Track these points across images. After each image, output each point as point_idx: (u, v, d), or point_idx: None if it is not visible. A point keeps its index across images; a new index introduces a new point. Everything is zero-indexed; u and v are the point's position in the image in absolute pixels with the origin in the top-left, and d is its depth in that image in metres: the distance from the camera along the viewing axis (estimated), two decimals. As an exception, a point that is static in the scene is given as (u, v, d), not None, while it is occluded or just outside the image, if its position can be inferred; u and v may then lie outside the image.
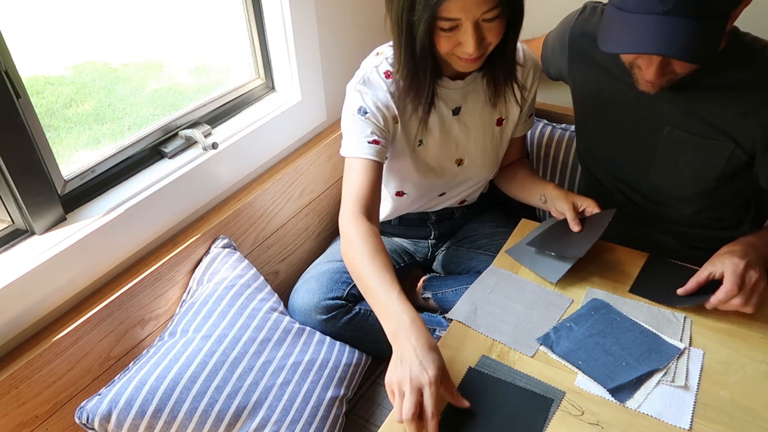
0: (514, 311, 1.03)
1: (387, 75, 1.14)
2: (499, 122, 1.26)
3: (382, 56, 1.16)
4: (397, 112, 1.15)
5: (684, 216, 1.16)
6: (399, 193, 1.32)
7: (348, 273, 1.30)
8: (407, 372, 0.80)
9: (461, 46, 0.98)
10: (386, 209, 1.38)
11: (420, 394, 0.78)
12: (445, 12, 0.93)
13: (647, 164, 1.15)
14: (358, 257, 0.98)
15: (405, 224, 1.44)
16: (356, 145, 1.11)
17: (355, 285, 1.29)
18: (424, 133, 1.21)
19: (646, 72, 0.95)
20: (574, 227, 1.12)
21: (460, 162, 1.27)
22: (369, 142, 1.10)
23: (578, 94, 1.25)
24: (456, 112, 1.20)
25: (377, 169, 1.10)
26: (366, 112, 1.12)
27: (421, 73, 1.05)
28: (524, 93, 1.23)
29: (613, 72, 1.12)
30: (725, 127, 1.02)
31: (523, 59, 1.20)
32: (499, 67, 1.12)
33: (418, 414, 0.78)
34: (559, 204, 1.17)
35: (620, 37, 0.90)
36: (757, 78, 0.99)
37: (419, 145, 1.22)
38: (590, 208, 1.14)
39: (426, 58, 1.02)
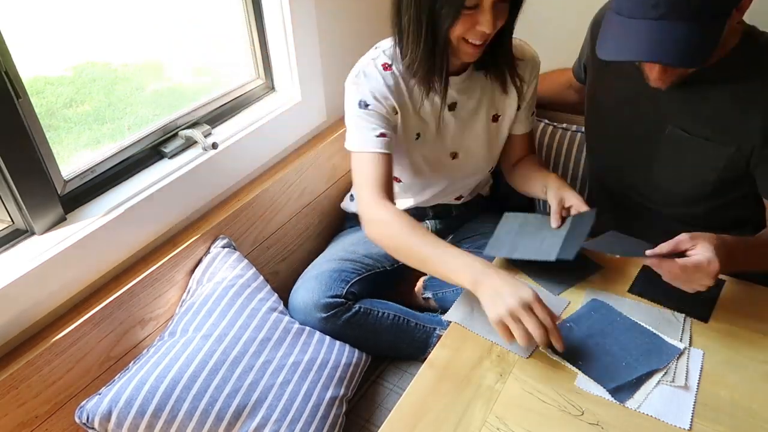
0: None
1: (385, 67, 1.15)
2: (495, 119, 1.28)
3: (380, 50, 1.17)
4: (396, 105, 1.16)
5: (688, 214, 1.16)
6: (394, 179, 1.33)
7: (347, 272, 1.30)
8: (511, 300, 0.87)
9: (478, 27, 1.01)
10: None
11: (532, 311, 0.86)
12: None
13: (649, 161, 1.14)
14: (401, 233, 1.04)
15: None
16: (364, 139, 1.13)
17: (354, 283, 1.29)
18: (422, 127, 1.23)
19: (650, 73, 0.98)
20: (553, 222, 1.11)
21: (455, 156, 1.29)
22: (377, 136, 1.13)
23: (590, 87, 1.25)
24: (452, 107, 1.22)
25: (388, 160, 1.13)
26: (367, 105, 1.13)
27: (437, 65, 1.08)
28: (523, 86, 1.25)
29: (622, 66, 1.11)
30: (728, 128, 1.01)
31: (521, 54, 1.23)
32: (500, 59, 1.15)
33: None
34: (550, 194, 1.16)
35: (615, 43, 0.90)
36: (766, 78, 0.98)
37: (417, 138, 1.23)
38: (576, 205, 1.12)
39: (446, 49, 1.06)
